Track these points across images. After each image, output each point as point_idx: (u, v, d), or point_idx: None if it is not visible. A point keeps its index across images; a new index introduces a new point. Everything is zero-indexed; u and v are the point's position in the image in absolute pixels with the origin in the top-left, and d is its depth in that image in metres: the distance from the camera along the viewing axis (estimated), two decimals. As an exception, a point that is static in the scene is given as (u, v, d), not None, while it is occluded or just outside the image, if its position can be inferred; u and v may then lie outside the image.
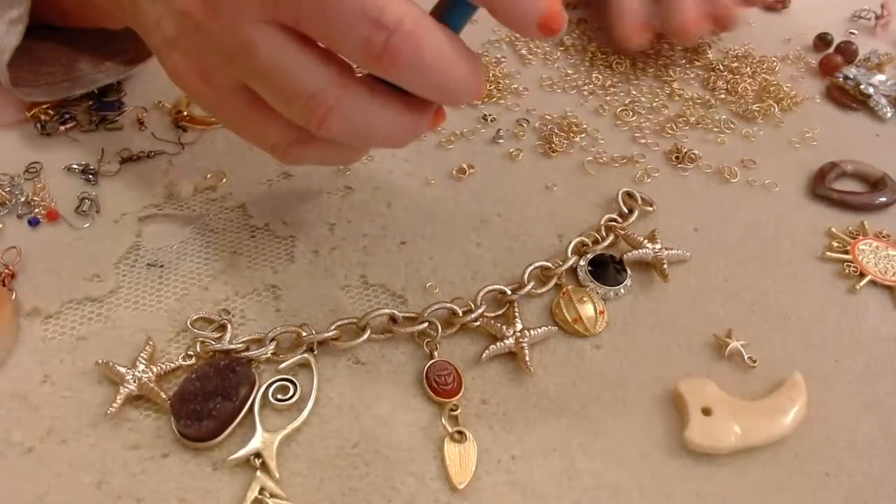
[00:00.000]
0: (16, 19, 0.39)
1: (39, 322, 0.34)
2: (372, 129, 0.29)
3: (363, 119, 0.29)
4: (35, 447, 0.30)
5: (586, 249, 0.39)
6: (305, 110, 0.28)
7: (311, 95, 0.28)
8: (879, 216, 0.44)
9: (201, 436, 0.30)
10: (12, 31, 0.39)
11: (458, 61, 0.27)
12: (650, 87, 0.53)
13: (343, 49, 0.27)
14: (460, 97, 0.29)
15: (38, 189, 0.40)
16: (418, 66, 0.27)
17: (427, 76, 0.27)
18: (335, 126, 0.28)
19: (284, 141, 0.31)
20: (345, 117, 0.28)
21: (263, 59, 0.27)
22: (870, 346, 0.36)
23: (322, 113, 0.28)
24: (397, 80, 0.28)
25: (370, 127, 0.29)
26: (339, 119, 0.28)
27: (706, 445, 0.31)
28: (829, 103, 0.52)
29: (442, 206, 0.42)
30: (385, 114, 0.29)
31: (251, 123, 0.31)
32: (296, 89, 0.28)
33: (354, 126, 0.29)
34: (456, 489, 0.30)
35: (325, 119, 0.28)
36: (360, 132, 0.29)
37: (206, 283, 0.37)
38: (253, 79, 0.29)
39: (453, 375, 0.33)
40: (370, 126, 0.29)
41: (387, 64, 0.26)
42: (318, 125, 0.28)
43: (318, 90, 0.28)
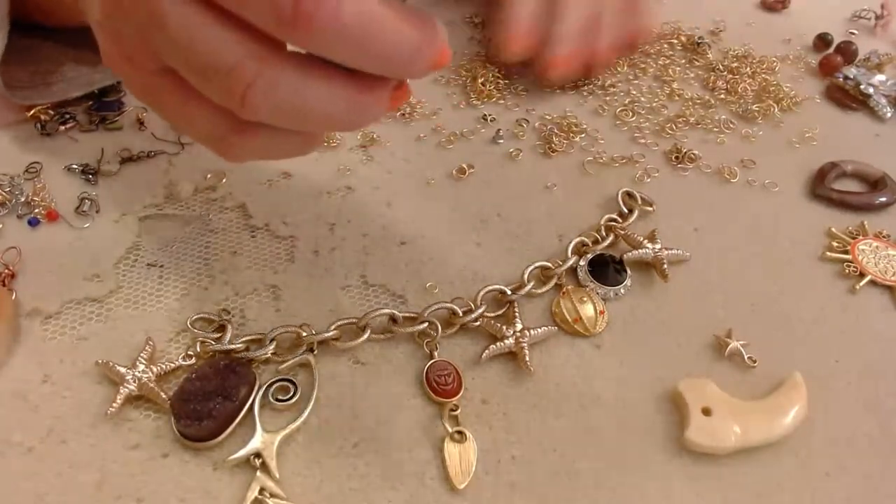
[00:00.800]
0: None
1: (39, 322, 0.34)
2: (307, 107, 0.26)
3: (294, 96, 0.26)
4: (35, 447, 0.30)
5: (586, 249, 0.39)
6: (224, 87, 0.25)
7: (229, 70, 0.25)
8: (879, 216, 0.44)
9: (201, 436, 0.30)
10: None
11: (391, 23, 0.24)
12: (650, 87, 0.53)
13: (254, 18, 0.24)
14: (407, 65, 0.26)
15: (38, 189, 0.40)
16: (338, 31, 0.24)
17: (353, 43, 0.24)
18: (260, 104, 0.25)
19: (218, 129, 0.28)
20: (269, 94, 0.25)
21: (174, 31, 0.25)
22: (870, 346, 0.36)
23: (241, 89, 0.25)
24: (318, 49, 0.25)
25: (304, 105, 0.26)
26: (262, 96, 0.25)
27: (706, 445, 0.31)
28: (829, 103, 0.52)
29: (442, 206, 0.42)
30: (321, 90, 0.26)
31: (180, 110, 0.28)
32: (212, 64, 0.25)
33: (284, 105, 0.26)
34: (456, 489, 0.30)
35: (245, 96, 0.25)
36: (293, 112, 0.26)
37: (206, 283, 0.37)
38: (170, 55, 0.26)
39: (453, 375, 0.33)
40: (304, 104, 0.26)
41: (301, 31, 0.24)
42: (241, 103, 0.25)
43: (235, 63, 0.25)
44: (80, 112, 0.45)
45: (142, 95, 0.30)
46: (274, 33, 0.25)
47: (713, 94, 0.52)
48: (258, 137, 0.28)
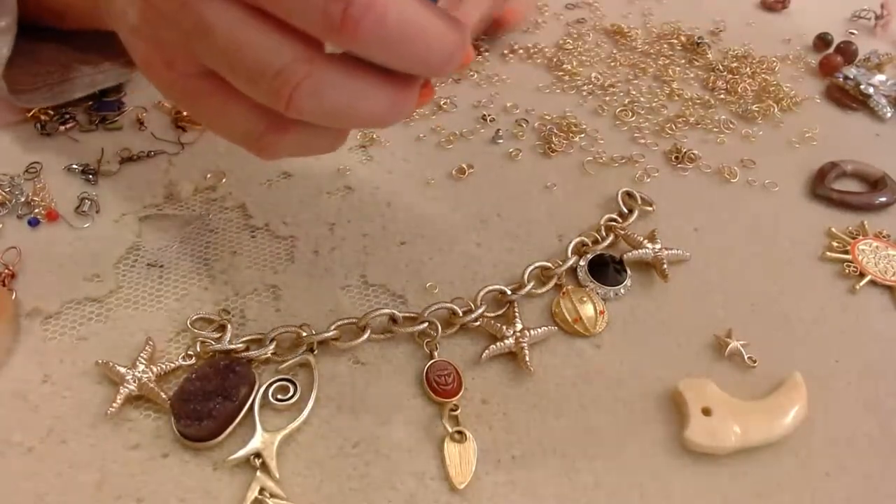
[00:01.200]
0: (4, 28, 0.39)
1: (39, 322, 0.34)
2: (347, 106, 0.27)
3: (336, 96, 0.27)
4: (35, 447, 0.30)
5: (586, 249, 0.39)
6: (271, 89, 0.26)
7: (276, 73, 0.26)
8: (879, 216, 0.44)
9: (201, 436, 0.30)
10: (1, 40, 0.39)
11: (430, 27, 0.26)
12: (650, 87, 0.53)
13: (302, 23, 0.26)
14: (441, 66, 0.27)
15: (38, 189, 0.40)
16: (383, 35, 0.25)
17: (395, 46, 0.26)
18: (305, 104, 0.27)
19: (257, 129, 0.29)
20: (314, 94, 0.27)
21: (221, 36, 0.26)
22: (870, 346, 0.36)
23: (288, 91, 0.26)
24: (363, 52, 0.26)
25: (345, 104, 0.27)
26: (308, 96, 0.26)
27: (706, 445, 0.31)
28: (829, 103, 0.52)
29: (442, 205, 0.42)
30: (360, 90, 0.27)
31: (219, 111, 0.29)
32: (259, 67, 0.26)
33: (327, 104, 0.27)
34: (456, 489, 0.30)
35: (292, 97, 0.26)
36: (335, 111, 0.27)
37: (206, 283, 0.37)
38: (214, 60, 0.27)
39: (453, 375, 0.33)
40: (345, 103, 0.27)
41: (348, 36, 0.25)
42: (287, 104, 0.26)
43: (283, 66, 0.26)
44: (80, 112, 0.45)
45: (179, 98, 0.31)
46: (320, 37, 0.26)
47: (713, 94, 0.52)
48: (294, 135, 0.30)
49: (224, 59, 0.27)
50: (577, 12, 0.60)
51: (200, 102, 0.30)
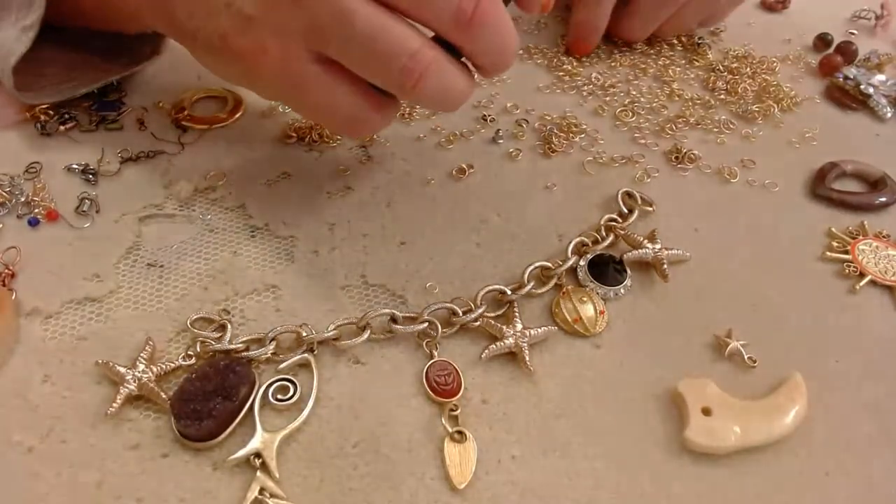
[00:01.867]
0: (28, 26, 0.40)
1: (39, 322, 0.34)
2: (450, 89, 0.33)
3: (449, 79, 0.32)
4: (35, 447, 0.30)
5: (586, 249, 0.39)
6: (404, 71, 0.31)
7: (411, 55, 0.31)
8: (879, 216, 0.44)
9: (201, 436, 0.30)
10: (23, 37, 0.40)
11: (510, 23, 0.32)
12: (650, 87, 0.53)
13: (432, 15, 0.30)
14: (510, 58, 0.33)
15: (38, 189, 0.40)
16: (494, 27, 0.31)
17: (498, 35, 0.32)
18: (429, 84, 0.31)
19: (361, 111, 0.33)
20: (439, 77, 0.31)
21: (363, 24, 0.30)
22: (870, 346, 0.36)
23: (420, 71, 0.31)
24: (474, 41, 0.31)
25: (451, 87, 0.33)
26: (432, 78, 0.31)
27: (706, 445, 0.31)
28: (829, 103, 0.52)
29: (442, 206, 0.42)
30: (457, 75, 0.32)
31: (327, 95, 0.33)
32: (395, 51, 0.30)
33: (441, 85, 0.32)
34: (456, 489, 0.30)
35: (421, 78, 0.31)
36: (443, 92, 0.32)
37: (206, 283, 0.37)
38: (347, 45, 0.31)
39: (453, 375, 0.33)
40: (451, 86, 0.32)
41: (475, 27, 0.30)
42: (414, 84, 0.31)
43: (416, 51, 0.31)
44: (80, 112, 0.45)
45: (286, 86, 0.33)
46: (444, 30, 0.31)
47: (713, 94, 0.52)
48: (385, 113, 0.35)
49: (360, 44, 0.30)
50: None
51: (308, 88, 0.33)
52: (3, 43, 0.40)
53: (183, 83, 0.48)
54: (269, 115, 0.47)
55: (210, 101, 0.48)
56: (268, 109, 0.47)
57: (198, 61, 0.37)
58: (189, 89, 0.48)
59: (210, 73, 0.37)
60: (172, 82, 0.48)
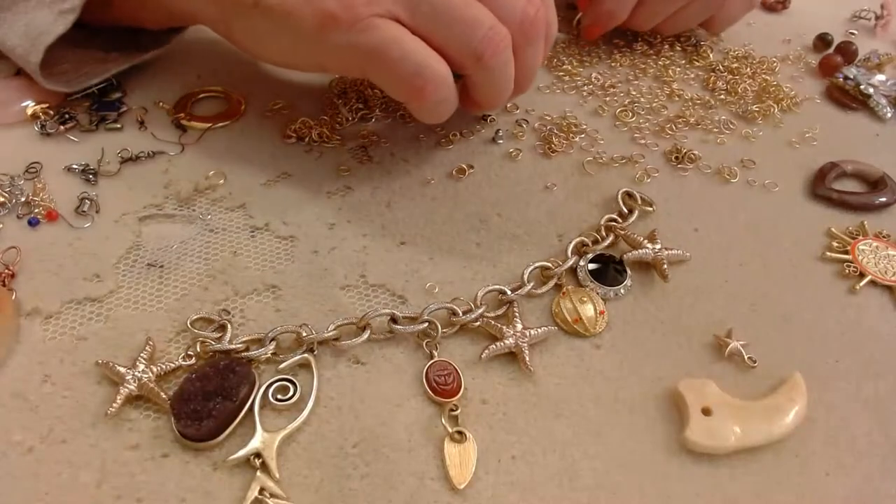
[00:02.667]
0: (67, 10, 0.40)
1: (39, 322, 0.34)
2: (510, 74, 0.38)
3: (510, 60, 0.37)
4: (35, 447, 0.30)
5: (586, 249, 0.39)
6: (486, 38, 0.35)
7: (492, 25, 0.35)
8: (879, 216, 0.44)
9: (201, 436, 0.30)
10: (60, 19, 0.40)
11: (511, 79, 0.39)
12: (650, 87, 0.53)
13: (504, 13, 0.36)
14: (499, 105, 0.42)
15: (38, 189, 0.40)
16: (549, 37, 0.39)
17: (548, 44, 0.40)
18: (502, 55, 0.36)
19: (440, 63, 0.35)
20: (507, 51, 0.36)
21: None
22: (870, 346, 0.36)
23: (498, 41, 0.35)
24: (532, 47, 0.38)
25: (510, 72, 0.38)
26: (505, 51, 0.36)
27: (706, 445, 0.31)
28: (829, 103, 0.52)
29: (442, 206, 0.42)
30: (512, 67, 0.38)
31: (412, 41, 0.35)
32: (480, 20, 0.35)
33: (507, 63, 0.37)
34: (456, 489, 0.30)
35: (498, 50, 0.36)
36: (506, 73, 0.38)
37: (206, 283, 0.37)
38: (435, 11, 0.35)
39: (453, 375, 0.33)
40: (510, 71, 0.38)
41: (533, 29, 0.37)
42: (494, 52, 0.35)
43: (495, 23, 0.35)
44: (80, 112, 0.45)
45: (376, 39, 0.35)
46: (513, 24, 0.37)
47: (713, 94, 0.52)
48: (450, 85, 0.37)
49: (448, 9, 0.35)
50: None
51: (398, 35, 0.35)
52: (35, 23, 0.41)
53: (183, 83, 0.48)
54: (269, 115, 0.47)
55: (210, 101, 0.48)
56: (268, 109, 0.47)
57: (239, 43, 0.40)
58: (189, 89, 0.48)
59: (210, 73, 0.37)
60: (172, 82, 0.48)
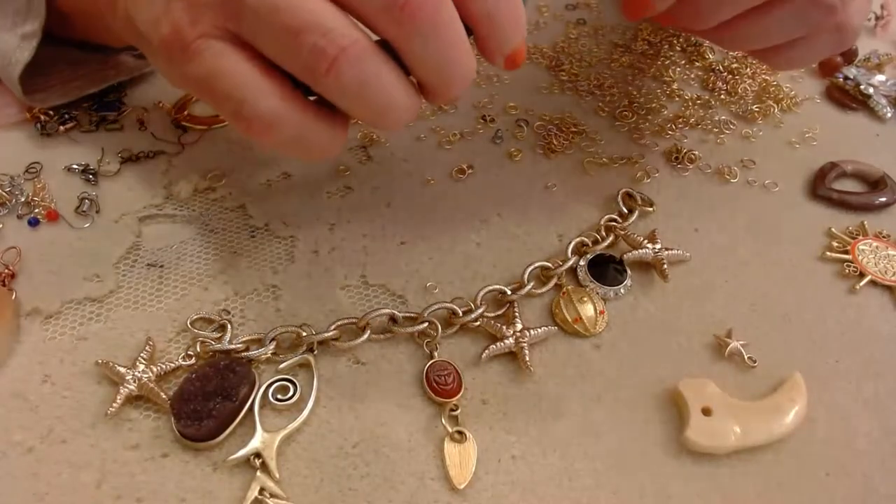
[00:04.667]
0: (29, 34, 0.39)
1: (39, 322, 0.34)
2: (380, 89, 0.28)
3: (374, 73, 0.27)
4: (35, 447, 0.30)
5: (586, 249, 0.39)
6: (316, 49, 0.26)
7: (325, 32, 0.26)
8: (879, 216, 0.44)
9: (201, 436, 0.30)
10: (25, 45, 0.39)
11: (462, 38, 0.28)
12: (649, 87, 0.53)
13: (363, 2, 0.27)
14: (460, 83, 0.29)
15: (38, 189, 0.40)
16: (434, 27, 0.27)
17: (439, 41, 0.27)
18: (347, 73, 0.26)
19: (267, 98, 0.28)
20: (356, 65, 0.26)
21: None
22: (870, 346, 0.36)
23: (334, 54, 0.26)
24: (409, 39, 0.27)
25: (379, 87, 0.27)
26: (353, 66, 0.26)
27: (706, 445, 0.31)
28: (829, 103, 0.52)
29: (442, 206, 0.42)
30: (392, 78, 0.28)
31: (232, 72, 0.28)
32: (308, 26, 0.26)
33: (365, 80, 0.27)
34: (456, 489, 0.30)
35: (335, 62, 0.26)
36: (369, 90, 0.27)
37: (206, 283, 0.37)
38: (258, 21, 0.27)
39: (453, 375, 0.33)
40: (380, 86, 0.27)
41: (410, 19, 0.26)
42: (328, 69, 0.26)
43: (333, 29, 0.26)
44: (80, 112, 0.45)
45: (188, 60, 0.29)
46: (375, 18, 0.27)
47: (713, 94, 0.52)
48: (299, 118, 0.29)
49: (270, 16, 0.26)
50: (577, 12, 0.60)
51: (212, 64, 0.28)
52: (2, 49, 0.40)
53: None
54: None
55: (210, 101, 0.48)
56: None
57: None
58: (189, 89, 0.48)
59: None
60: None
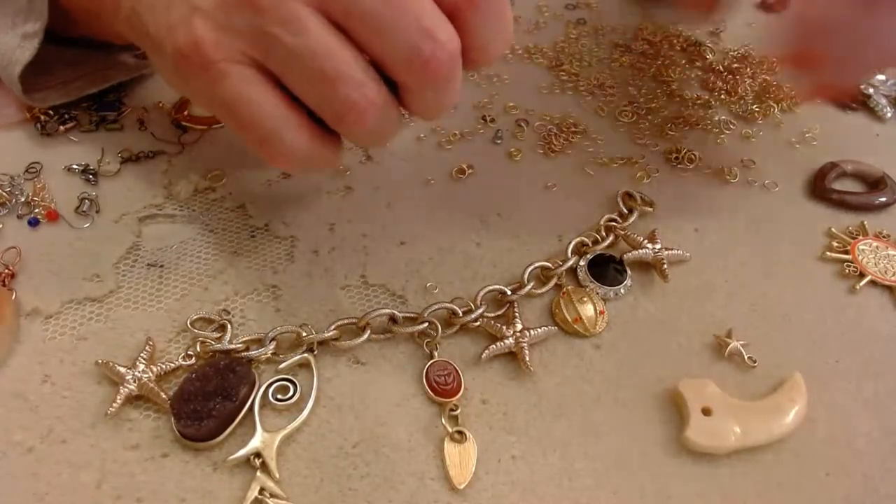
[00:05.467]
0: (30, 34, 0.39)
1: (39, 322, 0.34)
2: (387, 132, 0.31)
3: (388, 122, 0.30)
4: (35, 447, 0.30)
5: (586, 249, 0.39)
6: (347, 102, 0.28)
7: (358, 86, 0.28)
8: (879, 216, 0.44)
9: (201, 436, 0.30)
10: (26, 45, 0.39)
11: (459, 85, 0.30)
12: (649, 87, 0.53)
13: (388, 51, 0.28)
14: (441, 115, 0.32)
15: (38, 189, 0.40)
16: (448, 82, 0.29)
17: (447, 93, 0.30)
18: (369, 123, 0.29)
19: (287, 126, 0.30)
20: (380, 117, 0.29)
21: (315, 40, 0.28)
22: (870, 346, 0.36)
23: (364, 107, 0.29)
24: (427, 91, 0.29)
25: (387, 130, 0.31)
26: (375, 117, 0.29)
27: (706, 445, 0.31)
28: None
29: (442, 206, 0.42)
30: (397, 117, 0.31)
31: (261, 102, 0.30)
32: (343, 77, 0.28)
33: (380, 127, 0.30)
34: (456, 489, 0.30)
35: (364, 114, 0.29)
36: (379, 134, 0.31)
37: (206, 283, 0.37)
38: (291, 61, 0.28)
39: (453, 375, 0.33)
40: (388, 129, 0.31)
41: (429, 74, 0.28)
42: (357, 119, 0.29)
43: (365, 83, 0.28)
44: (80, 112, 0.45)
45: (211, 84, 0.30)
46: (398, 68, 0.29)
47: (713, 94, 0.52)
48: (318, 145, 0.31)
49: (306, 60, 0.28)
50: (577, 12, 0.60)
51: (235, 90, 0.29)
52: (2, 50, 0.40)
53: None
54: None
55: (210, 101, 0.48)
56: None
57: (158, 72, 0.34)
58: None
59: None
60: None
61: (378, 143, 0.32)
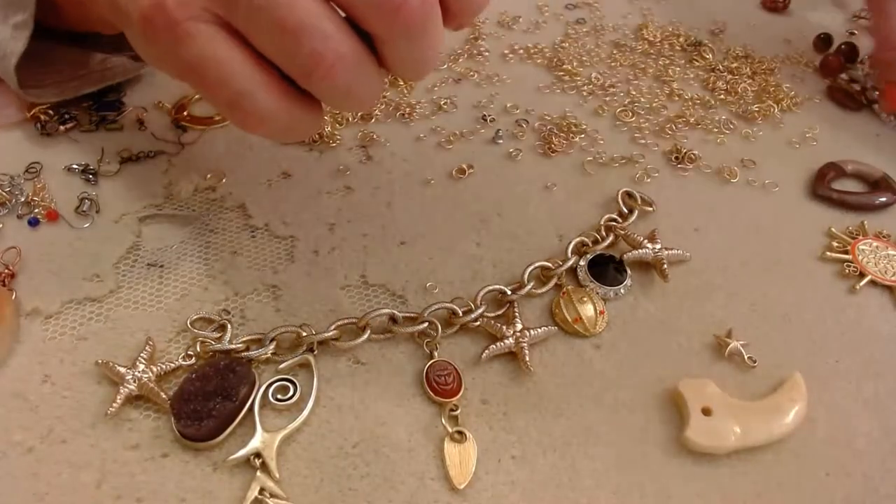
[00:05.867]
0: (20, 24, 0.39)
1: (39, 322, 0.34)
2: (366, 90, 0.29)
3: (363, 77, 0.28)
4: (35, 447, 0.30)
5: (586, 249, 0.39)
6: (314, 53, 0.27)
7: (325, 38, 0.27)
8: (879, 216, 0.44)
9: (201, 436, 0.30)
10: (18, 35, 0.39)
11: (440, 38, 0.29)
12: (650, 87, 0.53)
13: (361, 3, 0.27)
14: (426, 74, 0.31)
15: (38, 189, 0.40)
16: (423, 31, 0.27)
17: (423, 43, 0.28)
18: (339, 76, 0.28)
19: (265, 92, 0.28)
20: (352, 71, 0.28)
21: None
22: (870, 346, 0.36)
23: (332, 59, 0.27)
24: (400, 41, 0.28)
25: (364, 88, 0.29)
26: (347, 72, 0.28)
27: (706, 445, 0.31)
28: (830, 103, 0.52)
29: (442, 206, 0.42)
30: (376, 77, 0.29)
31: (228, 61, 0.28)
32: (308, 30, 0.27)
33: (354, 84, 0.28)
34: (456, 489, 0.30)
35: (333, 66, 0.27)
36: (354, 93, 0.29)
37: (206, 283, 0.37)
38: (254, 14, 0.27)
39: (453, 375, 0.33)
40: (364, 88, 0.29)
41: (401, 21, 0.27)
42: (325, 73, 0.27)
43: (332, 35, 0.27)
44: (80, 112, 0.45)
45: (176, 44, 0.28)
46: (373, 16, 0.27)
47: (713, 94, 0.52)
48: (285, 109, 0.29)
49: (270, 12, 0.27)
50: (577, 12, 0.60)
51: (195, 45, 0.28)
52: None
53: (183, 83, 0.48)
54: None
55: (210, 101, 0.48)
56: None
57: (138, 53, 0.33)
58: (189, 89, 0.48)
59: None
60: (172, 82, 0.48)
61: (358, 106, 0.30)
